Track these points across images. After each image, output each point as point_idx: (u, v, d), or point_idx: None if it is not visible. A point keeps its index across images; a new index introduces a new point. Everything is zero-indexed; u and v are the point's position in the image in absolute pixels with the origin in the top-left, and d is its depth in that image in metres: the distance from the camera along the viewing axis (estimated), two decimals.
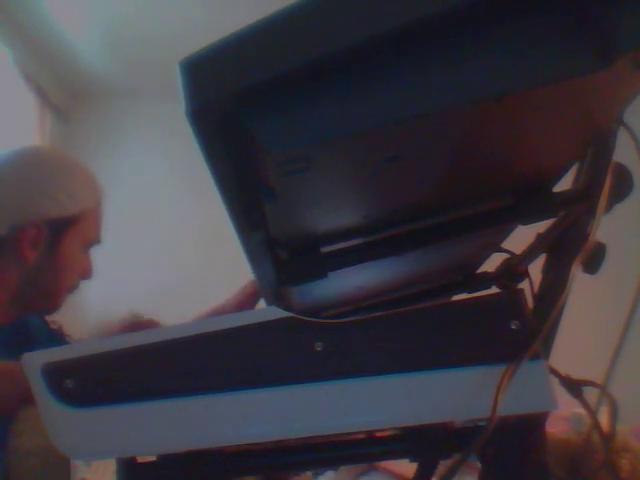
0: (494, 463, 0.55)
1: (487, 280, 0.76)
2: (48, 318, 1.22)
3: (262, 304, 0.92)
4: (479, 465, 0.57)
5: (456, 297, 0.79)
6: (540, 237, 0.62)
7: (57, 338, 1.18)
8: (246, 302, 1.09)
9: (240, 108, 0.34)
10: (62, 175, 1.08)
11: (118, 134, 3.38)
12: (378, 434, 0.59)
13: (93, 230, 1.12)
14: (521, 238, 0.68)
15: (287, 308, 0.50)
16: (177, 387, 0.48)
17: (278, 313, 0.49)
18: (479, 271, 0.80)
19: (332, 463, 0.72)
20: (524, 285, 0.61)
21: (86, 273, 1.13)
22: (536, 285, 0.61)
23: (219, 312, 1.11)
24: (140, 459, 0.53)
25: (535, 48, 0.34)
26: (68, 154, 1.21)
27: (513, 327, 0.48)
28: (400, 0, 0.33)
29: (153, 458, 0.53)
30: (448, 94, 0.35)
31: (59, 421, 0.48)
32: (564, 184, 0.56)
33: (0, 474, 1.07)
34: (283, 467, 0.63)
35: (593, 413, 0.53)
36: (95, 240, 1.13)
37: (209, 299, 1.14)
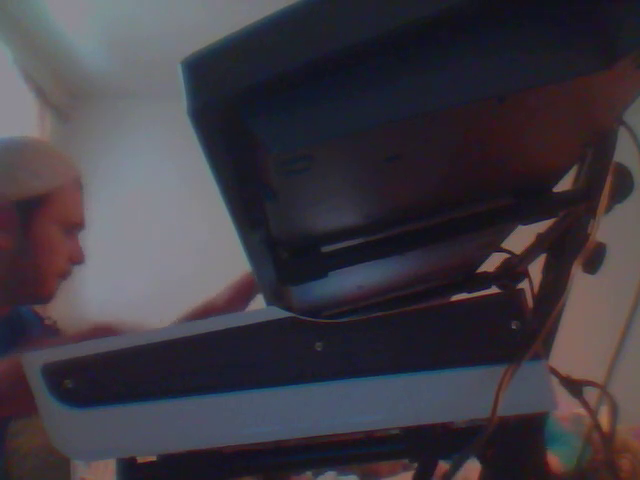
0: (494, 464, 0.55)
1: (487, 280, 0.75)
2: (43, 313, 1.21)
3: (258, 301, 0.92)
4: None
5: (456, 297, 0.79)
6: (540, 237, 0.62)
7: (51, 334, 1.17)
8: (239, 296, 1.08)
9: (241, 107, 0.34)
10: (22, 156, 1.06)
11: (118, 134, 3.38)
12: (378, 434, 0.59)
13: (69, 210, 1.08)
14: (521, 238, 0.68)
15: (287, 308, 0.50)
16: (177, 387, 0.48)
17: (278, 313, 0.49)
18: (479, 271, 0.80)
19: (332, 463, 0.72)
20: (524, 285, 0.61)
21: (75, 257, 1.10)
22: (536, 285, 0.61)
23: (210, 306, 1.10)
24: (140, 459, 0.53)
25: (537, 48, 0.34)
26: (26, 136, 1.17)
27: (513, 327, 0.48)
28: (401, 0, 0.33)
29: (153, 458, 0.53)
30: (448, 94, 0.35)
31: (59, 421, 0.48)
32: (564, 184, 0.56)
33: (0, 474, 1.07)
34: (283, 467, 0.63)
35: (593, 413, 0.53)
36: (75, 221, 1.10)
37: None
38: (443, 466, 0.58)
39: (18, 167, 1.04)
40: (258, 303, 1.09)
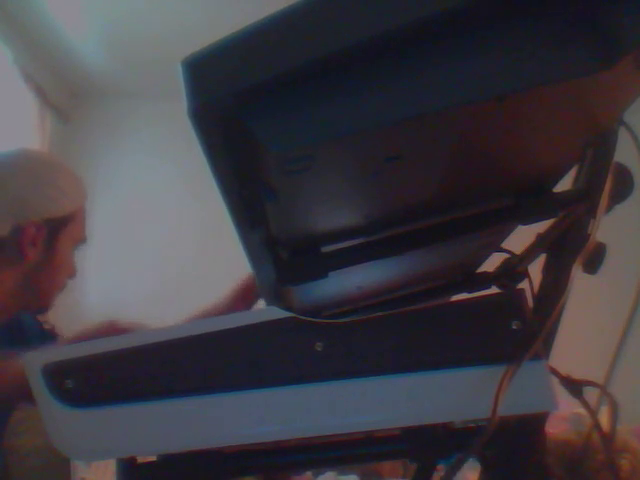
0: (494, 464, 0.55)
1: (487, 280, 0.75)
2: (41, 318, 1.22)
3: (261, 304, 0.92)
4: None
5: (456, 297, 0.79)
6: (540, 237, 0.62)
7: (50, 338, 1.18)
8: (242, 299, 1.09)
9: (242, 107, 0.34)
10: (55, 175, 1.09)
11: (118, 134, 3.38)
12: (378, 434, 0.59)
13: (83, 229, 1.14)
14: (521, 238, 0.68)
15: (287, 308, 0.50)
16: (177, 387, 0.48)
17: (278, 313, 0.49)
18: (479, 271, 0.80)
19: (332, 463, 0.72)
20: (524, 285, 0.61)
21: (72, 273, 1.15)
22: (536, 285, 0.61)
23: (214, 310, 1.11)
24: (140, 459, 0.53)
25: (537, 48, 0.34)
26: (51, 154, 1.22)
27: (513, 327, 0.48)
28: (401, 0, 0.33)
29: (153, 458, 0.53)
30: (448, 94, 0.35)
31: (59, 421, 0.48)
32: (564, 184, 0.56)
33: (0, 474, 1.07)
34: (283, 467, 0.63)
35: (593, 413, 0.53)
36: (83, 239, 1.15)
37: (209, 300, 1.14)
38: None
39: (49, 184, 1.07)
40: (258, 303, 1.09)
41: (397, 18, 0.33)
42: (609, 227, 0.58)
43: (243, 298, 1.08)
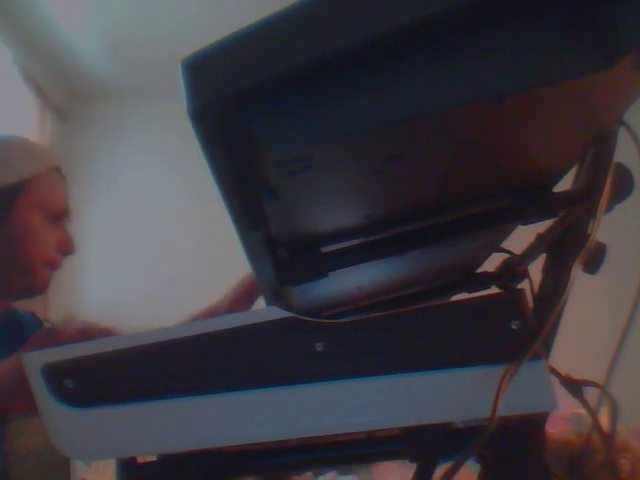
0: (494, 464, 0.55)
1: (487, 280, 0.75)
2: (41, 316, 1.22)
3: (261, 304, 0.92)
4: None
5: (456, 297, 0.79)
6: (540, 237, 0.62)
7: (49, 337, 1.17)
8: (242, 298, 1.08)
9: (241, 107, 0.34)
10: None
11: (118, 134, 3.38)
12: (378, 434, 0.59)
13: (50, 196, 1.10)
14: (521, 238, 0.68)
15: (287, 308, 0.50)
16: (177, 387, 0.48)
17: (278, 313, 0.49)
18: (479, 271, 0.80)
19: (332, 463, 0.72)
20: (524, 285, 0.61)
21: (64, 248, 1.12)
22: (536, 285, 0.61)
23: (214, 310, 1.10)
24: (140, 459, 0.53)
25: (537, 48, 0.34)
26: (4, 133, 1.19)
27: (513, 327, 0.48)
28: (400, 0, 0.33)
29: (153, 458, 0.53)
30: (448, 94, 0.35)
31: (59, 421, 0.48)
32: (564, 184, 0.56)
33: (0, 474, 1.07)
34: (283, 467, 0.63)
35: (593, 413, 0.53)
36: (58, 208, 1.11)
37: (209, 300, 1.14)
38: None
39: None
40: (259, 303, 1.09)
41: (397, 18, 0.33)
42: (609, 227, 0.58)
43: (244, 297, 1.08)
